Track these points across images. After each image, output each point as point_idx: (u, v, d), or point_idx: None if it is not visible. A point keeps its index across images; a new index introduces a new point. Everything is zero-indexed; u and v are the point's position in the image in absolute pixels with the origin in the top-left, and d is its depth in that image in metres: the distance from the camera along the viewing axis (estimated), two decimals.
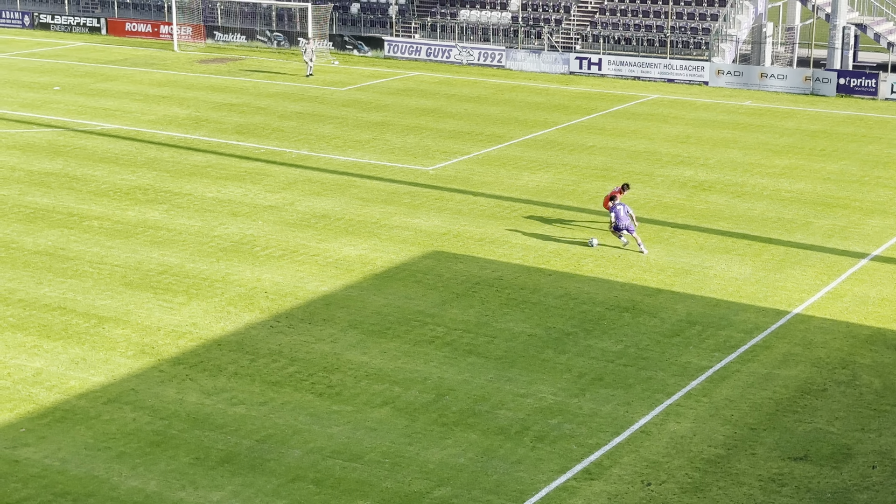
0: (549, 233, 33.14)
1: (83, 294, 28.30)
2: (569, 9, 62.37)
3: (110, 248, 31.72)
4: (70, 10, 73.41)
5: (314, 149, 42.70)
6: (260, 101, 50.95)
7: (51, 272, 29.79)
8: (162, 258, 30.92)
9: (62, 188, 37.48)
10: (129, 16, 71.55)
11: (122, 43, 66.36)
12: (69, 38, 68.62)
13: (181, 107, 49.37)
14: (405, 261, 30.82)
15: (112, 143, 43.44)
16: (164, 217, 34.53)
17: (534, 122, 47.21)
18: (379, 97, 52.22)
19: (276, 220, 34.33)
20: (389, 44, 62.36)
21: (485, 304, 27.80)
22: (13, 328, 26.24)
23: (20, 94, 51.99)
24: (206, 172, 39.44)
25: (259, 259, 30.93)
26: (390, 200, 36.21)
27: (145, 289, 28.68)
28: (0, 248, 31.64)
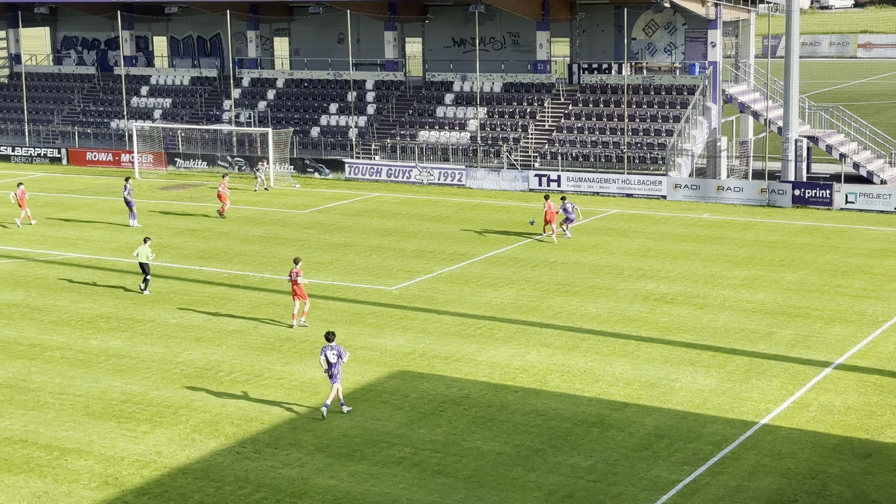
0: (514, 349, 33.15)
1: (45, 426, 27.91)
2: (526, 127, 63.34)
3: (72, 377, 31.40)
4: (30, 142, 73.72)
5: (277, 272, 42.72)
6: (222, 226, 51.08)
7: (11, 404, 29.40)
8: (125, 386, 30.62)
9: (23, 319, 37.20)
10: (89, 145, 71.91)
11: (84, 172, 66.59)
12: (30, 168, 68.84)
13: (142, 234, 49.35)
14: (371, 381, 30.68)
15: (73, 271, 43.30)
16: (128, 345, 34.29)
17: (495, 239, 47.56)
18: (341, 219, 52.51)
19: (240, 344, 34.17)
20: (350, 165, 62.93)
21: (452, 423, 27.64)
22: None
23: None
24: (169, 298, 39.31)
25: (224, 384, 30.69)
26: (355, 321, 36.18)
27: (108, 418, 28.34)
28: None
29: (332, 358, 27.85)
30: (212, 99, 73.55)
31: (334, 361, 27.84)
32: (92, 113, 75.57)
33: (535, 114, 64.20)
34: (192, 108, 73.19)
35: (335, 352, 27.91)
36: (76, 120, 74.97)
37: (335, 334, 28.54)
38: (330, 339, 28.22)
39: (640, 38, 64.63)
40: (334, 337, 28.37)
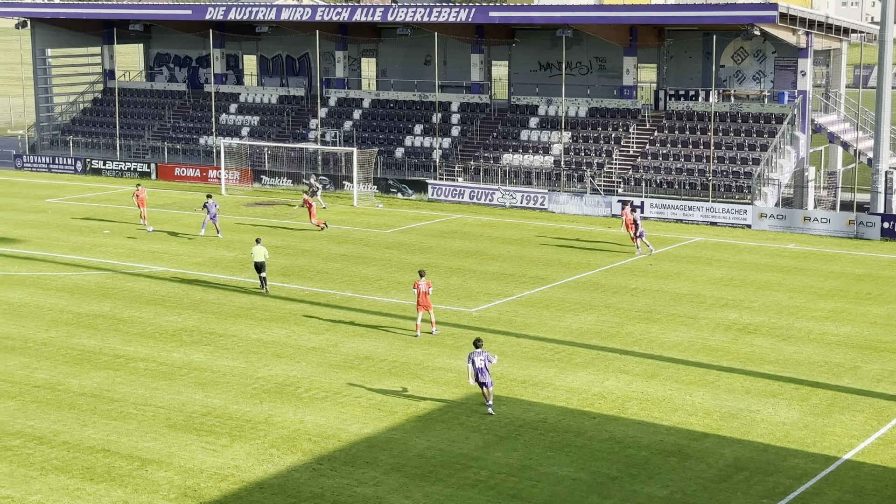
0: (592, 375, 32.96)
1: (127, 436, 28.33)
2: (611, 153, 63.09)
3: (155, 389, 31.85)
4: (121, 156, 75.13)
5: (358, 290, 42.97)
6: (305, 244, 51.53)
7: (95, 414, 29.89)
8: (206, 399, 30.98)
9: (109, 330, 37.84)
10: (178, 161, 73.09)
11: (171, 187, 67.62)
12: (120, 182, 70.06)
13: (228, 249, 50.00)
14: (448, 403, 30.68)
15: (159, 285, 43.95)
16: (209, 358, 34.71)
17: (577, 264, 47.37)
18: (422, 239, 52.68)
19: (319, 361, 34.40)
20: (433, 187, 63.17)
21: (529, 447, 27.54)
22: (57, 471, 26.24)
23: (71, 237, 52.92)
24: (250, 314, 39.72)
25: (302, 401, 30.91)
26: (433, 342, 36.24)
27: (189, 430, 28.69)
28: (47, 389, 31.85)
29: (480, 363, 29.17)
30: (298, 118, 74.38)
31: (482, 367, 29.15)
32: (181, 129, 76.83)
33: (620, 139, 63.93)
34: (279, 126, 74.07)
35: (482, 357, 29.24)
36: (166, 136, 76.26)
37: (482, 340, 29.96)
38: (478, 345, 29.58)
39: (729, 66, 64.08)
40: (482, 343, 29.65)
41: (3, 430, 28.70)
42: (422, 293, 36.50)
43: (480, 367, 29.24)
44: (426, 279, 37.00)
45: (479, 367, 29.26)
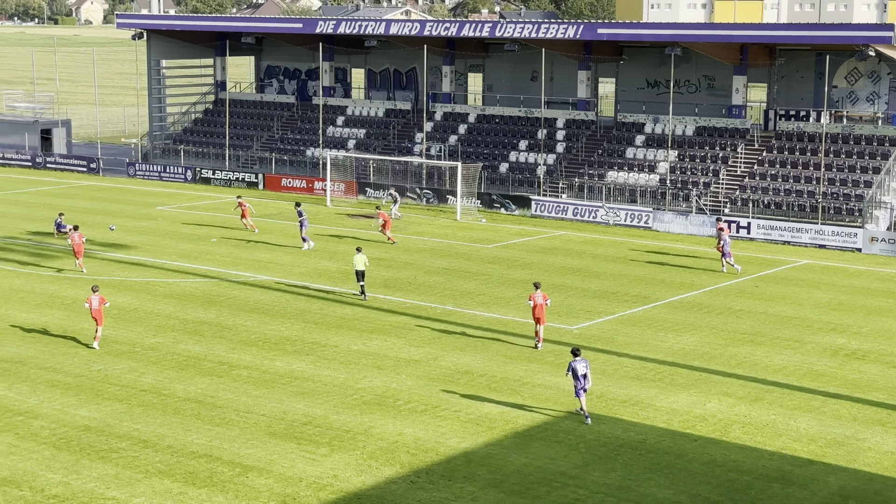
0: (694, 397, 32.53)
1: (229, 442, 28.72)
2: (718, 172, 62.35)
3: (257, 397, 32.24)
4: (230, 166, 76.37)
5: (459, 304, 43.04)
6: (407, 257, 51.79)
7: (199, 419, 30.36)
8: (307, 409, 31.27)
9: (214, 337, 38.42)
10: (285, 171, 74.06)
11: (278, 197, 68.50)
12: (228, 191, 71.17)
13: (331, 260, 50.47)
14: (547, 420, 30.54)
15: (263, 294, 44.52)
16: (311, 368, 35.04)
17: (680, 283, 46.85)
18: (525, 255, 52.59)
19: (419, 374, 34.51)
20: (537, 203, 63.05)
21: (628, 467, 27.27)
22: (161, 474, 26.70)
23: (179, 244, 53.90)
24: (352, 325, 40.02)
25: (401, 413, 31.03)
26: (534, 358, 36.12)
27: (289, 439, 28.98)
28: (153, 393, 32.45)
29: (581, 370, 29.81)
30: (404, 131, 74.87)
31: (583, 373, 29.80)
32: (289, 140, 77.86)
33: (728, 159, 63.14)
34: (385, 139, 74.64)
35: (584, 364, 29.97)
36: (274, 146, 77.34)
37: (580, 349, 30.77)
38: (577, 353, 30.27)
39: (842, 87, 62.94)
40: (580, 351, 30.43)
41: (111, 433, 29.31)
42: (538, 305, 36.77)
43: (582, 373, 29.88)
44: (542, 291, 37.06)
45: (581, 373, 29.88)
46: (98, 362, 35.28)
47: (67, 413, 30.71)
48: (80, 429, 29.56)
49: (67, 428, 29.60)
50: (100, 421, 30.15)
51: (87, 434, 29.20)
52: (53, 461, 27.43)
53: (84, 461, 27.45)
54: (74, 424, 29.87)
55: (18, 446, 28.31)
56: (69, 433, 29.23)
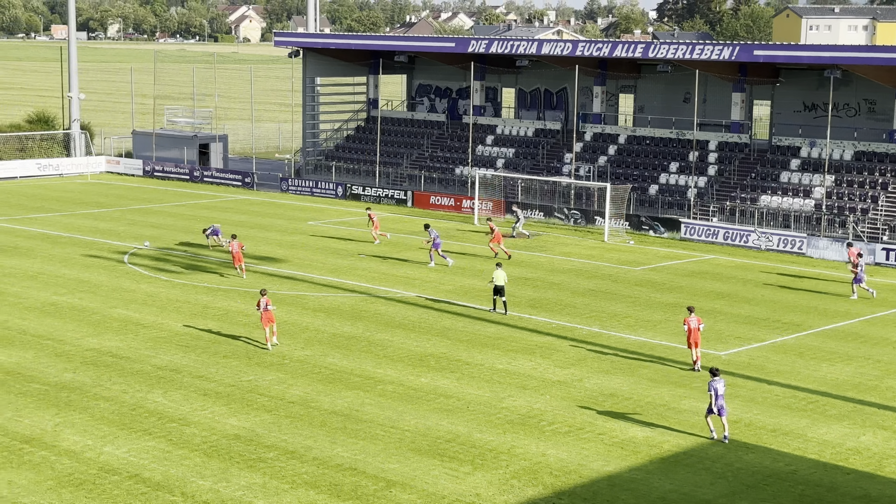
0: (848, 429, 31.60)
1: (373, 456, 28.99)
2: (877, 198, 60.62)
3: (402, 412, 32.48)
4: (380, 182, 77.34)
5: (605, 326, 42.70)
6: (554, 277, 51.61)
7: (344, 433, 30.73)
8: (450, 426, 31.38)
9: (361, 351, 38.88)
10: (433, 189, 74.64)
11: (426, 215, 69.04)
12: (377, 208, 71.97)
13: (477, 279, 50.60)
14: (694, 446, 30.04)
15: (410, 310, 44.88)
16: (455, 385, 35.16)
17: (834, 312, 45.62)
18: (673, 278, 51.90)
19: (563, 395, 34.32)
20: (686, 226, 62.20)
21: (776, 498, 26.62)
22: (306, 485, 27.10)
23: (329, 259, 54.75)
24: (497, 344, 40.04)
25: (545, 433, 30.89)
26: (681, 383, 35.58)
27: (433, 455, 29.11)
28: (300, 405, 32.99)
29: (721, 389, 29.96)
30: (553, 151, 74.76)
31: (722, 392, 29.96)
32: (438, 158, 78.48)
33: (888, 185, 61.34)
34: (534, 159, 74.64)
35: (723, 383, 30.18)
36: (423, 164, 78.06)
37: (719, 369, 30.75)
38: (715, 373, 30.35)
39: None
40: (719, 371, 30.45)
41: (259, 442, 29.89)
42: (693, 329, 36.45)
43: (721, 392, 29.99)
44: (696, 315, 36.69)
45: (721, 392, 29.95)
46: (248, 373, 36.04)
47: (218, 421, 31.43)
48: (230, 437, 30.22)
49: (218, 436, 30.29)
50: (249, 430, 30.77)
51: (236, 443, 29.83)
52: (204, 468, 28.09)
53: (233, 469, 28.04)
54: (225, 433, 30.54)
55: (171, 452, 29.08)
56: (219, 441, 29.91)
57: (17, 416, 31.64)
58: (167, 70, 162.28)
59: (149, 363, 36.92)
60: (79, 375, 35.47)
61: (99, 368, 36.24)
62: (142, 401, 33.12)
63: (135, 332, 40.77)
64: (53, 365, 36.56)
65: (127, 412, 32.09)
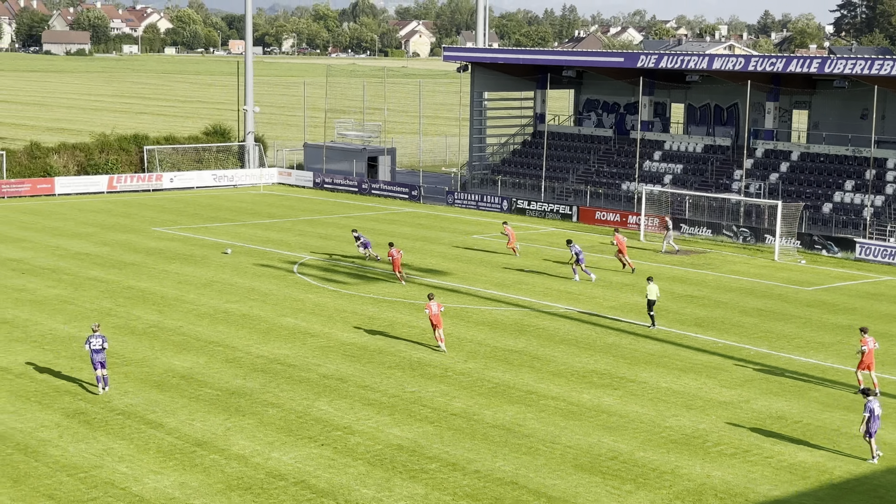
0: None
1: (535, 471, 28.92)
2: None
3: (564, 428, 32.33)
4: (545, 197, 77.27)
5: (774, 347, 41.71)
6: (721, 295, 50.68)
7: (506, 447, 30.74)
8: (613, 444, 31.09)
9: (523, 366, 38.85)
10: (599, 205, 74.21)
11: (591, 230, 68.67)
12: (542, 222, 71.99)
13: (641, 295, 50.01)
14: (866, 473, 29.08)
15: (573, 325, 44.67)
16: (618, 403, 34.82)
17: None
18: (847, 300, 50.37)
19: (729, 416, 33.65)
20: (861, 246, 60.33)
21: None
22: (468, 497, 27.20)
23: (493, 273, 54.91)
24: (661, 362, 39.52)
25: (710, 455, 30.34)
26: (854, 407, 34.48)
27: (595, 473, 28.88)
28: (462, 418, 33.14)
29: (878, 410, 29.67)
30: (723, 168, 73.51)
31: (879, 413, 29.70)
32: (605, 174, 78.01)
33: None
34: (703, 175, 73.51)
35: (878, 403, 29.92)
36: (590, 179, 77.69)
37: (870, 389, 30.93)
38: (867, 393, 30.27)
39: None
40: (869, 391, 30.48)
41: (422, 453, 30.14)
42: (870, 350, 35.54)
43: (878, 413, 29.68)
44: (870, 336, 35.93)
45: (878, 414, 29.66)
46: (412, 384, 36.40)
47: (382, 431, 31.82)
48: (394, 447, 30.55)
49: (381, 446, 30.66)
50: (412, 441, 31.06)
51: (399, 453, 30.14)
52: (367, 477, 28.46)
53: (396, 479, 28.34)
54: (388, 443, 30.90)
55: (336, 460, 29.56)
56: (383, 451, 30.27)
57: (189, 419, 32.63)
58: (338, 84, 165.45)
59: (316, 372, 37.64)
60: (248, 382, 36.39)
61: (268, 375, 37.11)
62: (308, 408, 33.77)
63: (302, 340, 41.62)
64: (225, 371, 37.59)
65: (294, 419, 32.77)
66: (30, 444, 30.40)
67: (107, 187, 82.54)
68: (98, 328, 35.21)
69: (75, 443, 30.52)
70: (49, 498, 26.89)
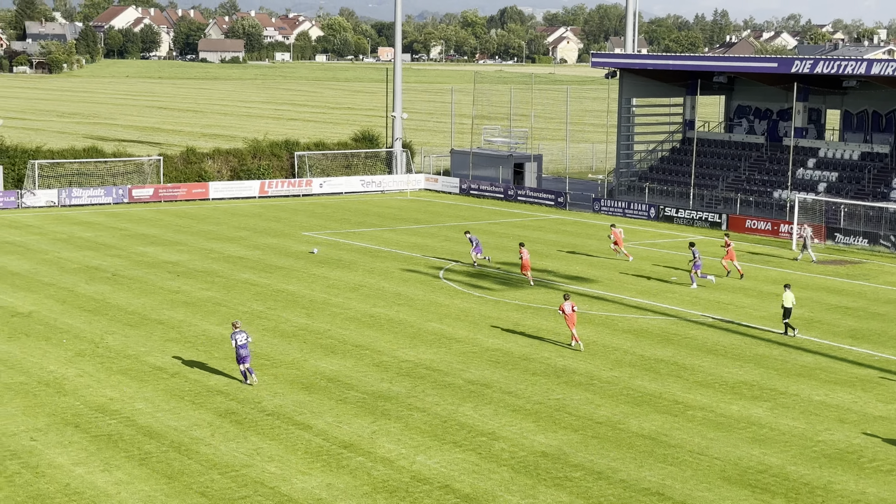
0: None
1: (681, 482, 28.49)
2: None
3: (711, 440, 31.78)
4: (693, 205, 76.16)
5: None
6: (877, 307, 49.19)
7: (652, 457, 30.36)
8: (763, 457, 30.43)
9: (670, 375, 38.33)
10: (749, 213, 72.80)
11: (740, 239, 67.42)
12: (690, 230, 70.97)
13: None
14: None
15: (721, 335, 43.89)
16: (768, 415, 34.07)
17: None
18: None
19: (886, 431, 32.61)
20: None
21: None
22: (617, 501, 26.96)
23: (639, 281, 54.33)
24: (814, 374, 38.54)
25: (865, 471, 29.45)
26: None
27: (743, 486, 28.31)
28: (607, 426, 32.86)
29: None
30: (880, 176, 71.40)
31: None
32: (755, 181, 76.53)
33: None
34: (859, 183, 71.53)
35: None
36: (740, 187, 76.31)
37: None
38: None
39: None
40: None
41: (566, 461, 29.97)
42: None
43: None
44: None
45: None
46: (556, 391, 36.24)
47: (526, 438, 31.75)
48: (538, 454, 30.45)
49: (526, 453, 30.59)
50: (556, 448, 30.91)
51: (543, 460, 30.03)
52: (512, 483, 28.42)
53: (540, 486, 28.24)
54: (532, 450, 30.81)
55: (480, 466, 29.60)
56: (527, 458, 30.20)
57: (336, 421, 33.07)
58: (486, 90, 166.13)
59: (460, 377, 37.77)
60: (394, 386, 36.71)
61: (413, 380, 37.39)
62: (453, 413, 33.90)
63: (448, 345, 41.82)
64: (371, 374, 38.01)
65: (439, 424, 32.93)
66: (183, 441, 31.21)
67: (258, 192, 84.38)
68: (239, 325, 36.35)
69: (226, 442, 31.23)
70: (201, 495, 27.55)
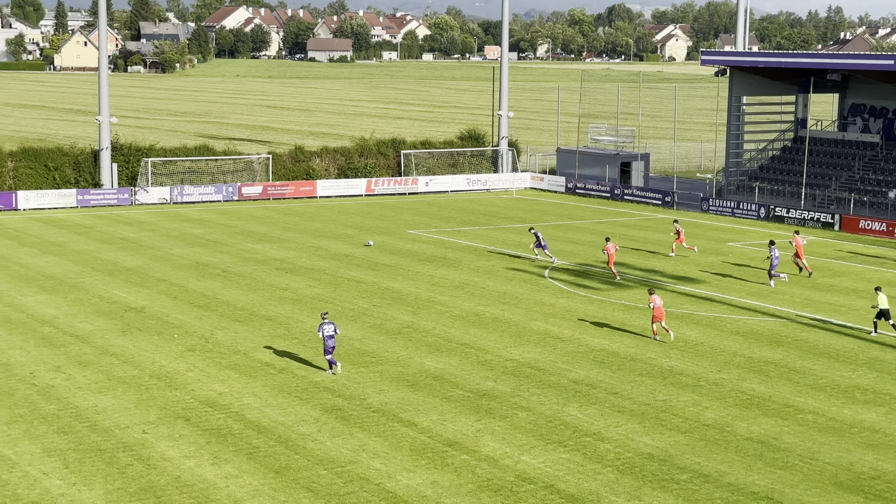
0: None
1: (791, 487, 27.96)
2: None
3: (822, 444, 31.15)
4: (805, 205, 74.75)
5: None
6: None
7: (761, 460, 29.86)
8: (876, 462, 29.74)
9: (780, 378, 37.66)
10: (863, 213, 71.21)
11: (853, 240, 66.02)
12: (802, 231, 69.62)
13: None
14: None
15: (833, 338, 43.00)
16: (882, 420, 33.29)
17: None
18: None
19: None
20: None
21: None
22: None
23: (748, 282, 53.48)
24: None
25: None
26: None
27: (856, 492, 27.70)
28: (715, 429, 32.40)
29: None
30: None
31: None
32: (870, 181, 74.84)
33: None
34: None
35: None
36: (853, 187, 74.69)
37: None
38: None
39: None
40: None
41: (672, 463, 29.62)
42: None
43: None
44: None
45: None
46: (663, 392, 35.85)
47: (632, 439, 31.46)
48: (644, 456, 30.16)
49: (631, 454, 30.31)
50: (662, 450, 30.58)
51: (649, 462, 29.73)
52: (617, 485, 28.19)
53: (646, 488, 27.96)
54: (638, 451, 30.52)
55: (585, 466, 29.42)
56: (633, 459, 29.92)
57: (441, 419, 33.14)
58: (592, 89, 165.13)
59: (565, 377, 37.58)
60: (499, 384, 36.67)
61: (518, 379, 37.30)
62: (558, 413, 33.75)
63: (553, 345, 41.65)
64: (476, 372, 38.02)
65: (543, 423, 32.80)
66: (290, 437, 31.56)
67: (365, 190, 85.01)
68: (327, 316, 37.23)
69: (332, 438, 31.49)
70: (308, 490, 27.83)
